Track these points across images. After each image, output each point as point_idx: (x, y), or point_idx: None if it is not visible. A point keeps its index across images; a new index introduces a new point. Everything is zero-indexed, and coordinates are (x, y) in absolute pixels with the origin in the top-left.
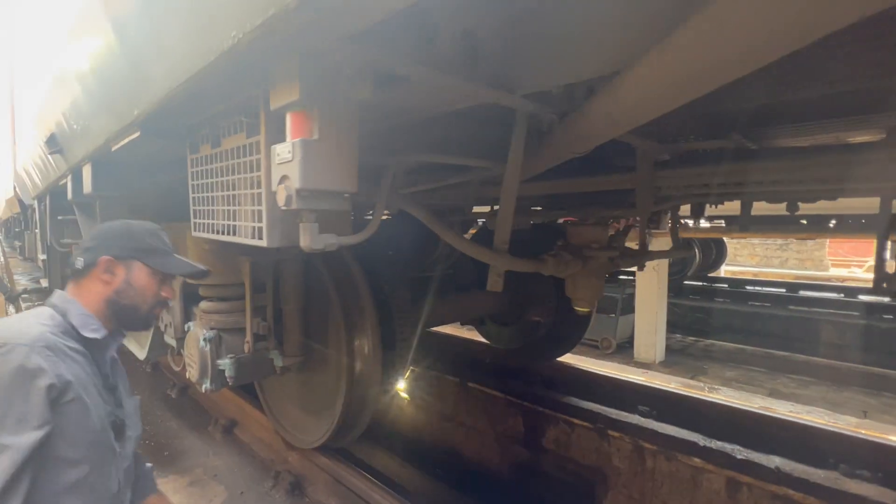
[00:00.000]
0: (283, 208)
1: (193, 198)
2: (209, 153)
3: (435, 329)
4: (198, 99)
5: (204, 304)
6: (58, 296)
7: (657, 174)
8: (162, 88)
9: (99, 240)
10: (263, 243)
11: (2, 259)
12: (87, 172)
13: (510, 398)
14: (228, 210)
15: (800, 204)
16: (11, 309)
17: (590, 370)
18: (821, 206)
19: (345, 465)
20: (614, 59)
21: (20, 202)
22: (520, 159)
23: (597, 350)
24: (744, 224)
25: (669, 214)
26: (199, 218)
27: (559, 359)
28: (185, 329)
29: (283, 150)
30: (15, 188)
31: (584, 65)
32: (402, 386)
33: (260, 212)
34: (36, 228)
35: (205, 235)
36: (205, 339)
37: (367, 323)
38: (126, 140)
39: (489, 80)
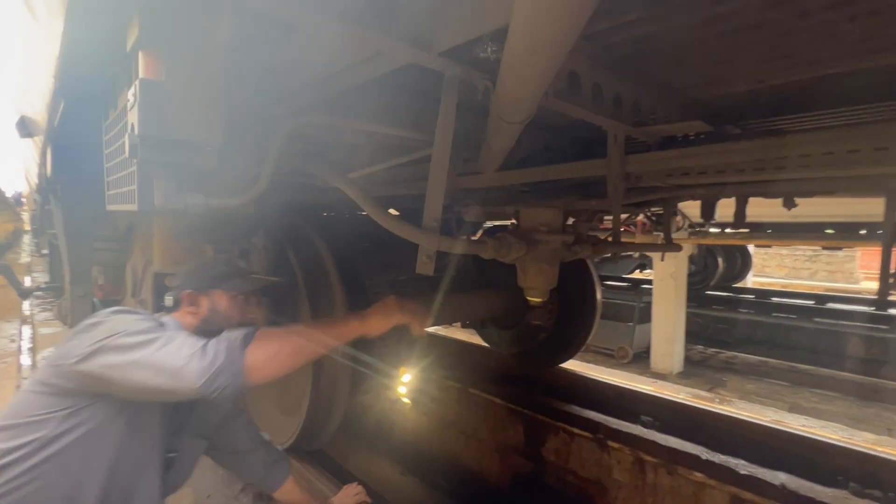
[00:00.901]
0: (131, 159)
1: (106, 168)
2: (114, 116)
3: (437, 331)
4: (85, 55)
5: (168, 299)
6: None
7: (629, 159)
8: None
9: (182, 277)
10: (134, 207)
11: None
12: (48, 156)
13: (510, 405)
14: (120, 177)
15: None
16: (26, 304)
17: (592, 377)
18: (846, 213)
19: (316, 469)
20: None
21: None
22: (450, 126)
23: (612, 359)
24: (763, 230)
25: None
26: (109, 189)
27: (563, 365)
28: None
29: (130, 95)
30: (28, 183)
31: (484, 15)
32: (402, 390)
33: (133, 173)
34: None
35: (111, 207)
36: None
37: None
38: (58, 114)
39: (410, 39)
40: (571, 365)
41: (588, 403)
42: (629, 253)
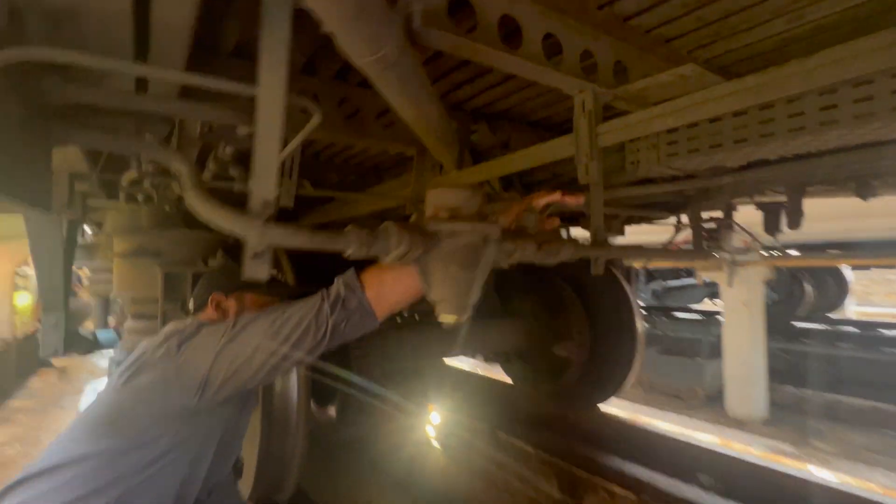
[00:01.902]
0: None
1: None
2: None
3: (462, 365)
4: None
5: (128, 324)
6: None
7: (601, 129)
8: None
9: (205, 284)
10: None
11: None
12: None
13: (543, 454)
14: None
15: None
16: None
17: (641, 424)
18: None
19: None
20: None
21: None
22: (283, 60)
23: (680, 402)
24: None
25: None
26: None
27: (610, 408)
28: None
29: None
30: None
31: None
32: (431, 432)
33: None
34: None
35: None
36: None
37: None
38: None
39: None
40: (624, 408)
41: (635, 456)
42: (690, 280)
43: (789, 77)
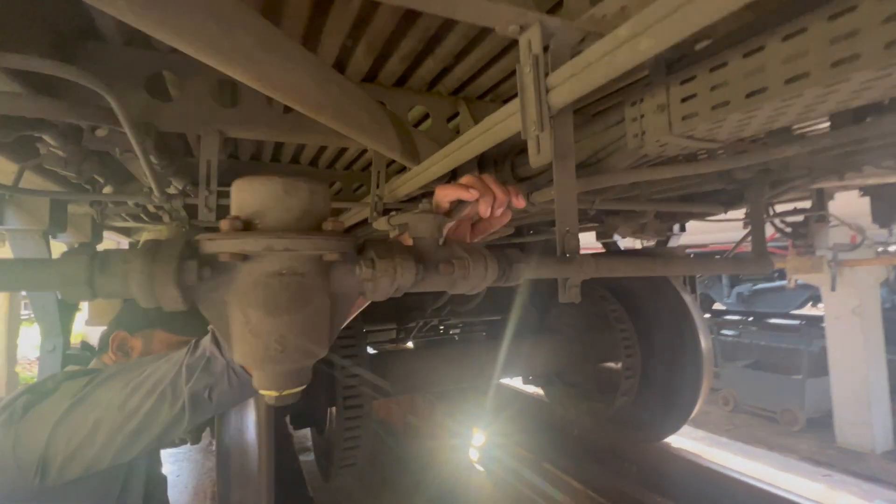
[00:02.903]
0: None
1: None
2: None
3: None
4: None
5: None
6: None
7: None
8: None
9: (115, 318)
10: None
11: None
12: None
13: (592, 493)
14: None
15: None
16: None
17: (713, 466)
18: None
19: None
20: None
21: None
22: None
23: (774, 426)
24: None
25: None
26: None
27: (673, 441)
28: None
29: None
30: None
31: None
32: (474, 455)
33: None
34: None
35: None
36: None
37: None
38: None
39: None
40: (698, 438)
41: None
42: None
43: None
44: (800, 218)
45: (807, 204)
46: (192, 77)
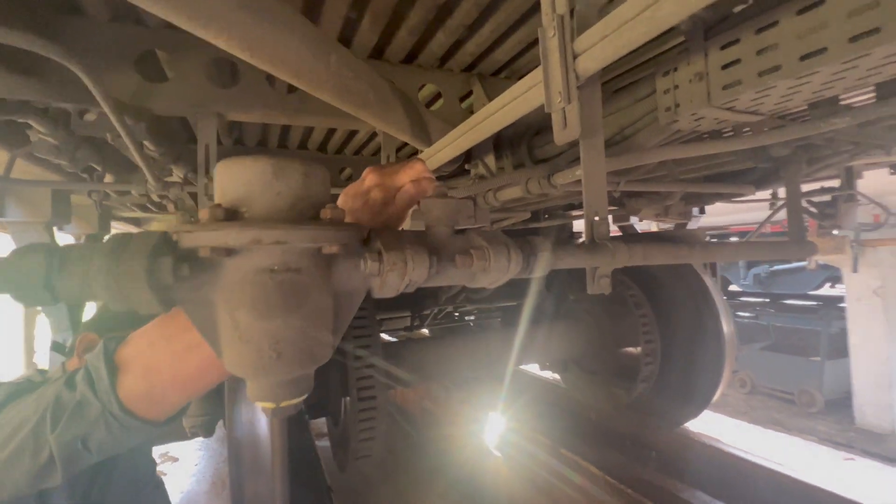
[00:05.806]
0: None
1: None
2: None
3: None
4: None
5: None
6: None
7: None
8: None
9: (91, 318)
10: None
11: None
12: None
13: (610, 480)
14: None
15: None
16: None
17: (734, 452)
18: None
19: None
20: None
21: None
22: None
23: (792, 407)
24: None
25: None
26: None
27: (692, 426)
28: None
29: None
30: None
31: None
32: (491, 441)
33: None
34: None
35: None
36: None
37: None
38: None
39: None
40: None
41: (723, 491)
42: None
43: None
44: (827, 197)
45: (835, 183)
46: (186, 55)
